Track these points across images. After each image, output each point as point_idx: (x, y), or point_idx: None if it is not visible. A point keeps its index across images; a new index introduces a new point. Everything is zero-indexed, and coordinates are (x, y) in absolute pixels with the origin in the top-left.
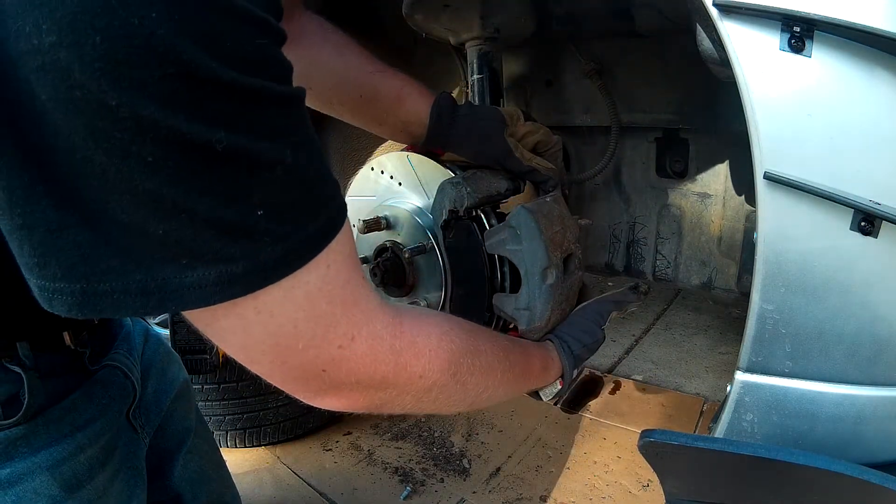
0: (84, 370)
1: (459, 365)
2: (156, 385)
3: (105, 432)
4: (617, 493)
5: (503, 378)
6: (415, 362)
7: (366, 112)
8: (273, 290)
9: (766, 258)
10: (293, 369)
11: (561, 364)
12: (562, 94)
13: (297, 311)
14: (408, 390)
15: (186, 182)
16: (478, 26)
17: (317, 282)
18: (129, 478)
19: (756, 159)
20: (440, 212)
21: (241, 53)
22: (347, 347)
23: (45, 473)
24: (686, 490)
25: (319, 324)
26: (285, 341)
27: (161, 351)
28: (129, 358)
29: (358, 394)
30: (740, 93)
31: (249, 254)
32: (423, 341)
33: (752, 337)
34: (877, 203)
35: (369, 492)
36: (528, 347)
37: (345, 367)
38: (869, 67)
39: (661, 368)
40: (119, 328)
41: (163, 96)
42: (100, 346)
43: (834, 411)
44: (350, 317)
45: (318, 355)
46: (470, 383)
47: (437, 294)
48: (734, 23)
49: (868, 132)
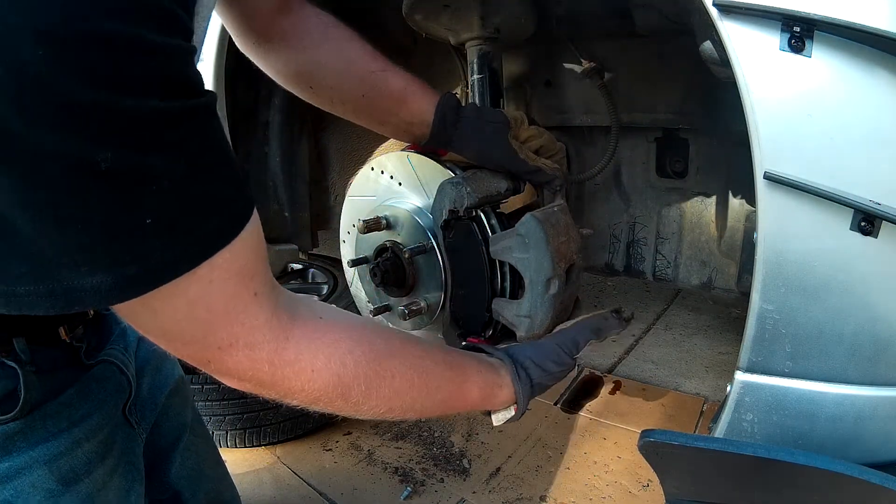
0: (80, 365)
1: (349, 388)
2: (151, 381)
3: (102, 427)
4: (617, 493)
5: (416, 403)
6: (294, 378)
7: (368, 111)
8: (156, 296)
9: (766, 258)
10: (185, 356)
11: (514, 390)
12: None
13: (177, 313)
14: (289, 397)
15: (81, 196)
16: (478, 26)
17: (198, 293)
18: (127, 472)
19: (756, 159)
20: (440, 212)
21: (127, 78)
22: (226, 351)
23: (43, 467)
24: (686, 490)
25: (198, 328)
26: (171, 335)
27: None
28: (124, 354)
29: (247, 386)
30: (740, 93)
31: (141, 259)
32: (308, 361)
33: (752, 337)
34: (877, 203)
35: (369, 492)
36: (469, 374)
37: (225, 365)
38: (869, 67)
39: (661, 368)
40: (115, 324)
41: (56, 123)
42: (96, 341)
43: (834, 411)
44: (229, 327)
45: (200, 351)
46: (364, 405)
47: (437, 294)
48: (734, 23)
49: (868, 132)
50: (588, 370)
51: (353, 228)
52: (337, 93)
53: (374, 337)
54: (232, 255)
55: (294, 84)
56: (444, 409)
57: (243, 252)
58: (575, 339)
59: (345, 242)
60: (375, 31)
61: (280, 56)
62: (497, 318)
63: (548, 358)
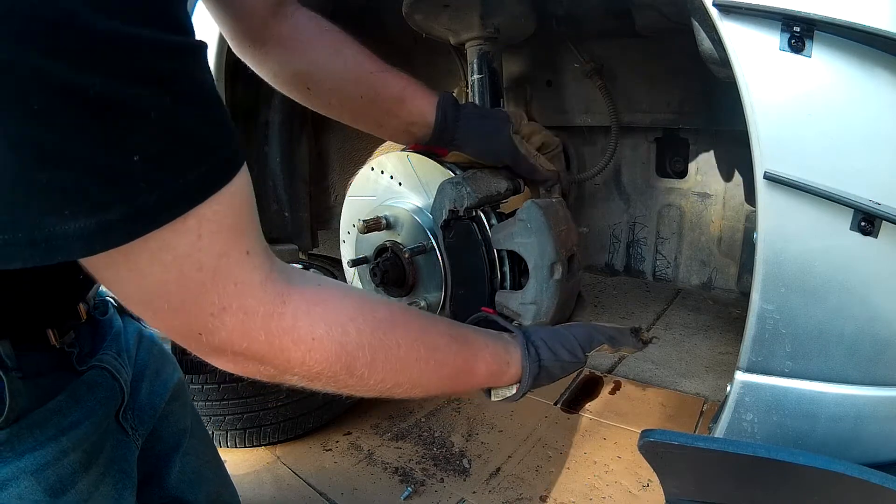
0: (72, 370)
1: (353, 359)
2: (150, 387)
3: (90, 435)
4: (617, 493)
5: (423, 377)
6: (293, 348)
7: (366, 114)
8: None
9: (766, 258)
10: (171, 328)
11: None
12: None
13: (165, 273)
14: (289, 372)
15: (66, 128)
16: (478, 26)
17: (186, 248)
18: (117, 481)
19: (756, 159)
20: (440, 212)
21: (126, 5)
22: (218, 317)
23: (30, 478)
24: (686, 490)
25: (188, 290)
26: (157, 301)
27: (155, 352)
28: (117, 360)
29: (241, 363)
30: (740, 93)
31: (126, 199)
32: (307, 328)
33: (752, 337)
34: (877, 203)
35: (369, 492)
36: (477, 348)
37: (217, 336)
38: (869, 67)
39: (661, 368)
40: (108, 328)
41: (45, 47)
42: (88, 346)
43: (834, 411)
44: (221, 289)
45: (190, 320)
46: (371, 378)
47: (437, 294)
48: (734, 23)
49: (868, 132)
50: (588, 370)
51: (353, 228)
52: (335, 95)
53: (377, 306)
54: (222, 207)
55: (291, 87)
56: (450, 386)
57: (233, 206)
58: (590, 335)
59: (345, 242)
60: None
61: (276, 59)
62: (500, 310)
63: (561, 343)
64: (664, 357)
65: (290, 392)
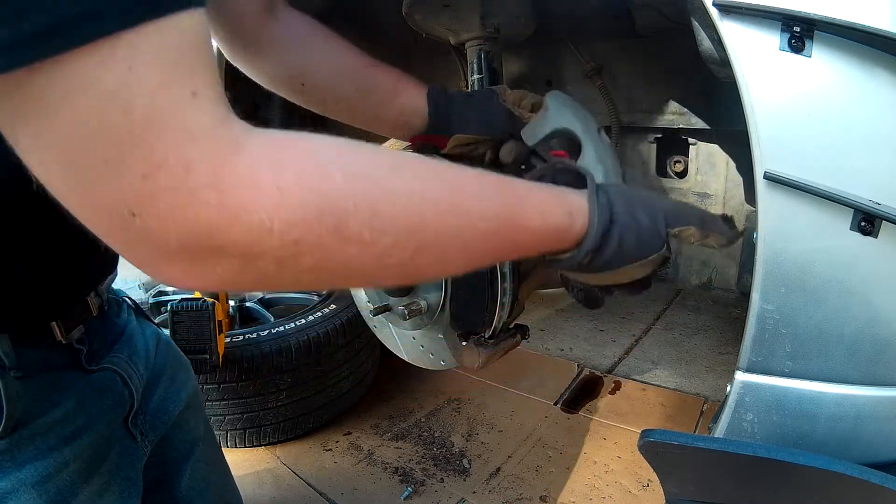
0: (80, 369)
1: (344, 213)
2: (164, 392)
3: (94, 444)
4: (617, 493)
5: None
6: (251, 203)
7: (363, 107)
8: (57, 83)
9: (766, 258)
10: (96, 211)
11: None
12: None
13: (86, 117)
14: (257, 253)
15: None
16: (478, 26)
17: (112, 83)
18: (122, 489)
19: (756, 159)
20: None
21: None
22: (151, 179)
23: (31, 491)
24: (686, 490)
25: (113, 139)
26: (77, 162)
27: (171, 356)
28: (129, 363)
29: (192, 258)
30: (740, 93)
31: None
32: (269, 177)
33: (752, 337)
34: (877, 203)
35: (369, 492)
36: (524, 192)
37: (154, 211)
38: (869, 67)
39: (661, 368)
40: (122, 329)
41: None
42: (99, 344)
43: (834, 411)
44: (155, 138)
45: (117, 190)
46: (377, 243)
47: (437, 294)
48: (734, 23)
49: (868, 132)
50: (588, 370)
51: None
52: (330, 91)
53: (373, 147)
54: (161, 39)
55: (286, 87)
56: (496, 249)
57: (178, 41)
58: (677, 208)
59: None
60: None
61: (269, 59)
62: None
63: (640, 204)
64: (664, 357)
65: (290, 392)
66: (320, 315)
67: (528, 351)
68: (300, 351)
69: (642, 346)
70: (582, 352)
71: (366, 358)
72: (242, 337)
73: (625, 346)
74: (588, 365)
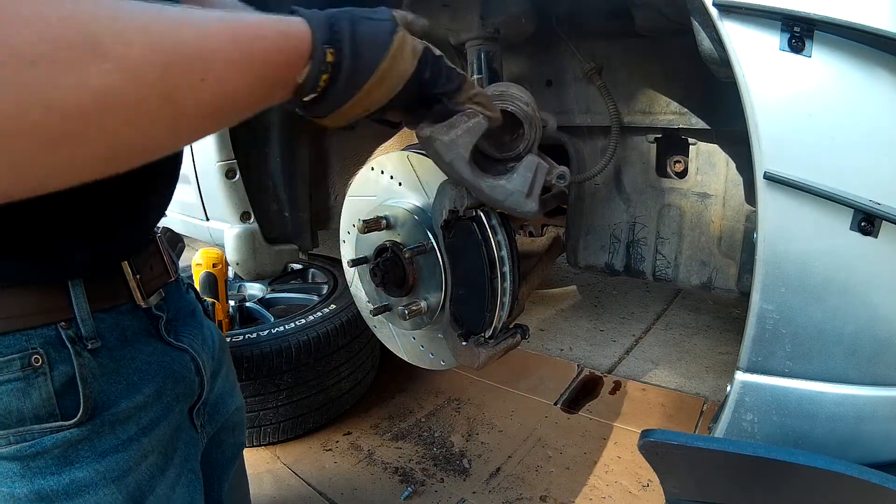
0: (161, 340)
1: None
2: (222, 388)
3: (167, 433)
4: (617, 493)
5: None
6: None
7: None
8: None
9: (766, 258)
10: None
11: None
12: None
13: None
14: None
15: None
16: (478, 26)
17: None
18: (190, 482)
19: (756, 159)
20: (440, 212)
21: None
22: None
23: (111, 486)
24: (686, 490)
25: None
26: None
27: (227, 351)
28: (203, 347)
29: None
30: (740, 93)
31: None
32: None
33: (752, 337)
34: (877, 203)
35: (369, 492)
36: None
37: None
38: (869, 67)
39: (661, 368)
40: (191, 305)
41: None
42: (174, 314)
43: (834, 411)
44: None
45: None
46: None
47: (437, 294)
48: (734, 23)
49: (868, 132)
50: (588, 370)
51: (353, 228)
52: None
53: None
54: None
55: None
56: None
57: None
58: None
59: (345, 242)
60: None
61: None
62: None
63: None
64: (664, 357)
65: (290, 392)
66: (320, 315)
67: (528, 351)
68: (300, 351)
69: (642, 346)
70: (582, 352)
71: (366, 358)
72: (242, 337)
73: (625, 346)
74: (588, 365)
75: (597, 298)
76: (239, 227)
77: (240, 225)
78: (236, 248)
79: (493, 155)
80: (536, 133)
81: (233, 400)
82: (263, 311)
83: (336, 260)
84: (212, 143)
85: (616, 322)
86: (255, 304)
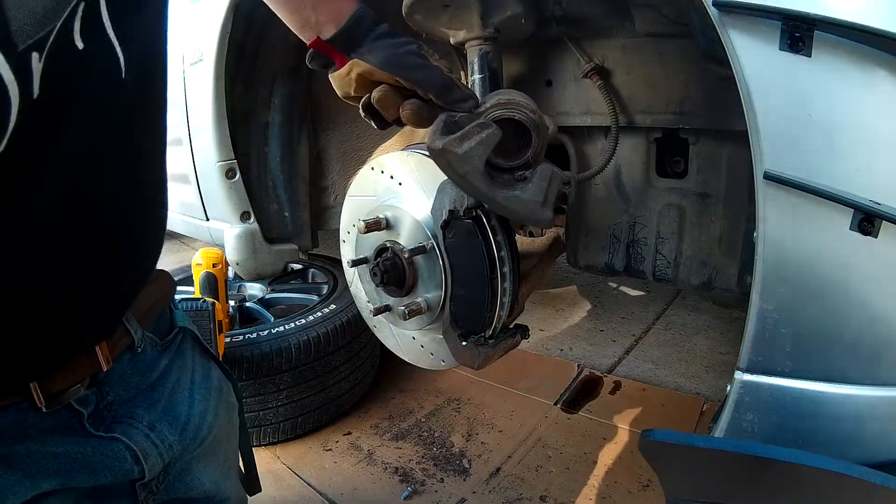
0: (80, 434)
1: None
2: (202, 471)
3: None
4: (617, 493)
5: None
6: None
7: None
8: None
9: (766, 258)
10: None
11: None
12: (562, 94)
13: None
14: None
15: None
16: (478, 26)
17: None
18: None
19: (756, 159)
20: (440, 212)
21: None
22: None
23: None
24: (686, 490)
25: None
26: None
27: (232, 416)
28: (152, 432)
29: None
30: (740, 92)
31: None
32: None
33: (752, 337)
34: (877, 203)
35: (369, 492)
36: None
37: None
38: (869, 67)
39: (661, 368)
40: (157, 374)
41: None
42: (115, 395)
43: (834, 411)
44: None
45: None
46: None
47: (437, 294)
48: (734, 22)
49: (868, 132)
50: (588, 370)
51: (353, 228)
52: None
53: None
54: None
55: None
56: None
57: None
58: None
59: (345, 242)
60: None
61: None
62: None
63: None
64: (664, 357)
65: (290, 392)
66: (320, 315)
67: (528, 351)
68: (300, 351)
69: (642, 346)
70: (582, 352)
71: (366, 358)
72: (242, 337)
73: (625, 346)
74: (588, 365)
75: (597, 298)
76: (239, 227)
77: (240, 225)
78: (236, 248)
79: (499, 164)
80: (544, 140)
81: (222, 481)
82: (263, 311)
83: (336, 260)
84: (212, 143)
85: (616, 322)
86: (255, 304)
